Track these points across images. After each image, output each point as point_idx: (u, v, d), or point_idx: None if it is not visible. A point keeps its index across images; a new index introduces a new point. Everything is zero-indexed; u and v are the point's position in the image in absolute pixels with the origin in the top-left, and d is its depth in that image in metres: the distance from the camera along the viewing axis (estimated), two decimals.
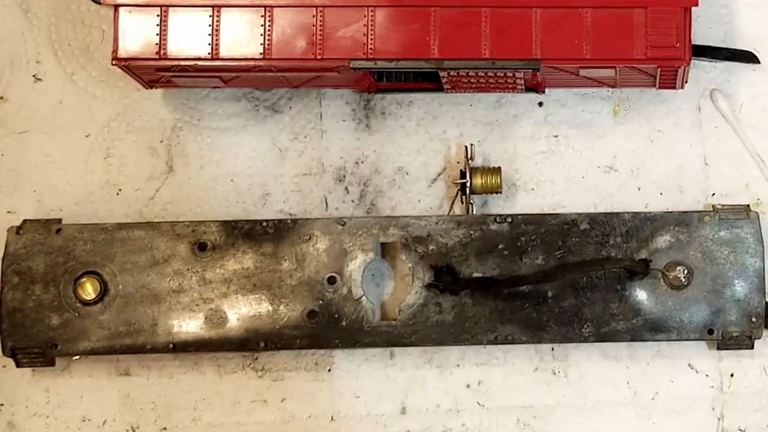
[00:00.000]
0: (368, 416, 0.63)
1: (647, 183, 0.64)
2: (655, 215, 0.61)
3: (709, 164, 0.64)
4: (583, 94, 0.65)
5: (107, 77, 0.65)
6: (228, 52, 0.58)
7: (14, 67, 0.65)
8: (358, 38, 0.58)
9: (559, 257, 0.61)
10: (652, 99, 0.65)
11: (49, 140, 0.64)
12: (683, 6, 0.58)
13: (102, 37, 0.65)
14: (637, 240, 0.61)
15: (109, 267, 0.60)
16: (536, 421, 0.63)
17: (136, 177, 0.64)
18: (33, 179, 0.64)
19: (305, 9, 0.58)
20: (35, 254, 0.60)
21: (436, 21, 0.58)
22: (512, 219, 0.61)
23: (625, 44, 0.58)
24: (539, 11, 0.58)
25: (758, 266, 0.60)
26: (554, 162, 0.65)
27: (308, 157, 0.64)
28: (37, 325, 0.60)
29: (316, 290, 0.60)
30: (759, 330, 0.60)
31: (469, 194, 0.61)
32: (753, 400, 0.63)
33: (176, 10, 0.58)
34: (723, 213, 0.61)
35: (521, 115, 0.65)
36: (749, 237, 0.61)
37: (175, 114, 0.65)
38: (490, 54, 0.58)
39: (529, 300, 0.60)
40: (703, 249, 0.61)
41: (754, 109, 0.65)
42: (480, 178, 0.62)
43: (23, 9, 0.65)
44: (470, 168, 0.62)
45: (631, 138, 0.65)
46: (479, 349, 0.63)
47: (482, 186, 0.62)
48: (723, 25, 0.65)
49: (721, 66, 0.65)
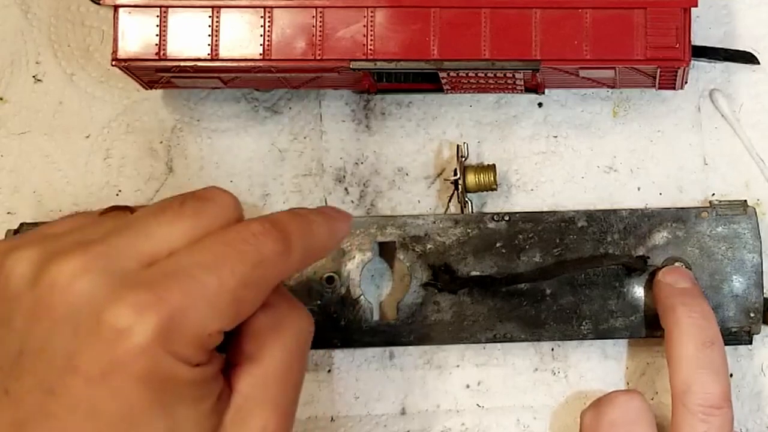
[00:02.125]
0: (368, 416, 0.63)
1: (647, 183, 0.64)
2: (652, 212, 0.61)
3: (708, 164, 0.64)
4: (582, 95, 0.65)
5: (107, 78, 0.65)
6: (228, 52, 0.58)
7: (14, 68, 0.65)
8: (358, 39, 0.58)
9: (557, 255, 0.61)
10: (651, 99, 0.65)
11: (48, 141, 0.64)
12: (683, 6, 0.58)
13: (102, 38, 0.65)
14: (635, 237, 0.61)
15: None
16: (536, 422, 0.63)
17: (136, 177, 0.64)
18: (33, 180, 0.64)
19: (305, 10, 0.58)
20: None
21: (436, 22, 0.58)
22: (510, 217, 0.61)
23: (624, 45, 0.58)
24: (539, 12, 0.58)
25: (756, 262, 0.60)
26: (554, 162, 0.64)
27: (308, 158, 0.64)
28: None
29: (315, 290, 0.60)
30: (757, 325, 0.60)
31: (462, 192, 0.61)
32: (752, 401, 0.63)
33: (176, 10, 0.58)
34: (720, 209, 0.61)
35: (521, 116, 0.65)
36: (747, 233, 0.61)
37: (174, 115, 0.65)
38: (490, 55, 0.58)
39: (527, 298, 0.60)
40: (701, 245, 0.61)
41: (754, 109, 0.65)
42: (474, 176, 0.62)
43: (23, 10, 0.65)
44: (463, 166, 0.62)
45: (630, 138, 0.65)
46: (479, 349, 0.63)
47: (476, 184, 0.62)
48: (723, 25, 0.65)
49: (720, 66, 0.65)
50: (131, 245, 0.45)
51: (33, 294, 0.44)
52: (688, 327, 0.57)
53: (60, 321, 0.43)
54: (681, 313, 0.57)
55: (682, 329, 0.57)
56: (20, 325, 0.44)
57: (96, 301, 0.43)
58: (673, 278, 0.59)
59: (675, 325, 0.57)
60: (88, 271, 0.44)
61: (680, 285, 0.59)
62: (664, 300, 0.59)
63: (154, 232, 0.46)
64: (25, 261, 0.45)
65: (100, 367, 0.43)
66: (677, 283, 0.59)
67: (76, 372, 0.43)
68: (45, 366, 0.43)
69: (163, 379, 0.43)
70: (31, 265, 0.45)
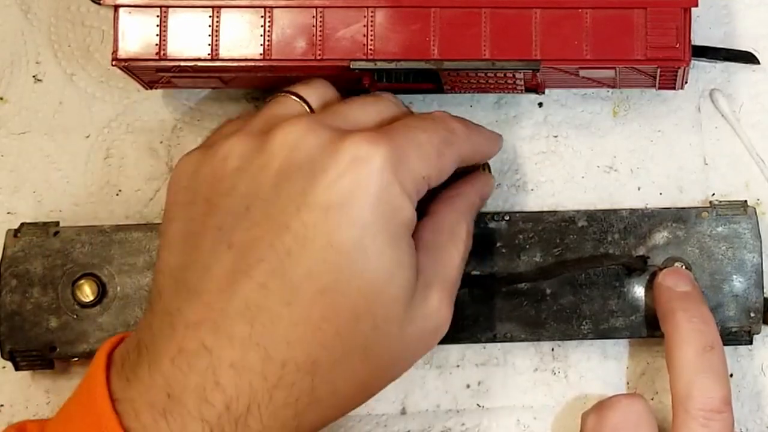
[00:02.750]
0: (368, 416, 0.63)
1: (647, 183, 0.64)
2: (652, 212, 0.61)
3: (708, 164, 0.64)
4: (583, 95, 0.65)
5: (107, 78, 0.65)
6: (228, 52, 0.58)
7: (14, 68, 0.65)
8: (358, 39, 0.58)
9: (557, 254, 0.61)
10: (651, 99, 0.65)
11: (49, 141, 0.64)
12: (683, 6, 0.58)
13: (102, 38, 0.65)
14: (635, 236, 0.61)
15: (108, 269, 0.60)
16: (536, 422, 0.63)
17: (136, 177, 0.64)
18: (33, 180, 0.64)
19: (305, 10, 0.58)
20: (33, 257, 0.60)
21: (436, 22, 0.58)
22: (510, 217, 0.61)
23: (624, 45, 0.58)
24: (539, 12, 0.58)
25: (756, 262, 0.60)
26: (554, 162, 0.64)
27: None
28: (36, 327, 0.60)
29: None
30: (757, 325, 0.60)
31: None
32: (752, 401, 0.63)
33: (176, 10, 0.58)
34: (720, 209, 0.61)
35: (521, 116, 0.65)
36: (747, 232, 0.61)
37: (175, 114, 0.65)
38: (490, 55, 0.58)
39: (528, 298, 0.60)
40: (701, 245, 0.61)
41: (754, 109, 0.65)
42: None
43: (23, 10, 0.65)
44: None
45: (630, 138, 0.65)
46: (479, 349, 0.63)
47: None
48: (723, 25, 0.65)
49: (720, 66, 0.65)
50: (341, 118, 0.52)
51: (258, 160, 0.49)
52: (688, 332, 0.57)
53: (291, 171, 0.48)
54: (681, 318, 0.57)
55: (681, 334, 0.57)
56: (244, 189, 0.49)
57: (330, 147, 0.49)
58: (673, 281, 0.59)
59: (675, 330, 0.58)
60: (313, 130, 0.50)
61: (680, 288, 0.59)
62: (664, 304, 0.59)
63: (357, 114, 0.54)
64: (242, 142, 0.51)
65: (338, 194, 0.47)
66: (677, 286, 0.59)
67: (313, 206, 0.47)
68: (278, 211, 0.48)
69: (393, 208, 0.49)
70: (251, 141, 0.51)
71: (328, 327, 0.47)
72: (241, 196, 0.49)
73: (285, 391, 0.46)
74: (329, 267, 0.47)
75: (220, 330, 0.46)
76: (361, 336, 0.48)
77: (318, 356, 0.47)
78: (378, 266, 0.48)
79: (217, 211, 0.49)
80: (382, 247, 0.48)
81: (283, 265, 0.47)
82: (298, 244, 0.47)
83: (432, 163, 0.51)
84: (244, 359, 0.46)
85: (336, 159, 0.48)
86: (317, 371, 0.47)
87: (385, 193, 0.48)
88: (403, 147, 0.50)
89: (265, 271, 0.47)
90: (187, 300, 0.48)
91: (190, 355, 0.46)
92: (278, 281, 0.47)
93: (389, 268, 0.48)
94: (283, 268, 0.47)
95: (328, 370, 0.47)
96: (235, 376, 0.46)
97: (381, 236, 0.48)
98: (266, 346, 0.46)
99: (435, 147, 0.52)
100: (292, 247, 0.47)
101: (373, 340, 0.48)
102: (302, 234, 0.47)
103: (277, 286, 0.47)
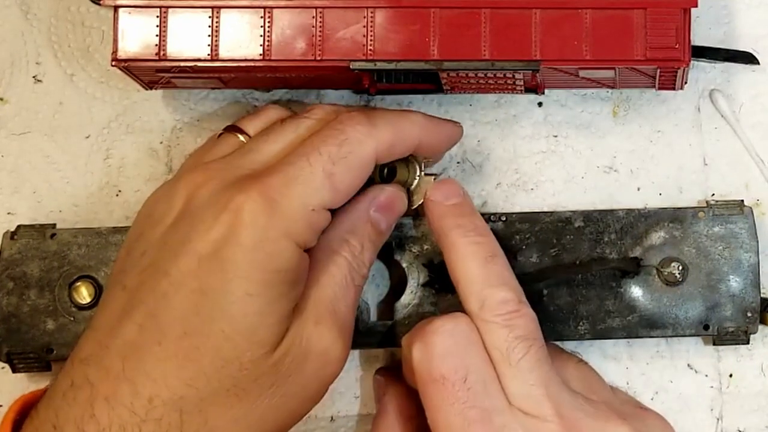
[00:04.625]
0: (368, 416, 0.63)
1: (647, 183, 0.64)
2: (649, 212, 0.61)
3: (708, 164, 0.64)
4: (582, 95, 0.65)
5: (107, 78, 0.65)
6: (227, 53, 0.58)
7: (14, 69, 0.65)
8: (358, 39, 0.58)
9: (554, 255, 0.61)
10: (651, 99, 0.65)
11: (48, 141, 0.64)
12: (683, 7, 0.58)
13: (102, 38, 0.65)
14: (632, 237, 0.61)
15: (104, 271, 0.60)
16: None
17: (136, 178, 0.64)
18: (33, 180, 0.64)
19: (305, 10, 0.58)
20: (30, 259, 0.60)
21: (436, 22, 0.58)
22: (507, 217, 0.61)
23: (624, 45, 0.58)
24: (539, 12, 0.58)
25: (753, 261, 0.60)
26: (554, 162, 0.64)
27: None
28: (33, 330, 0.60)
29: None
30: (754, 325, 0.60)
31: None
32: (752, 401, 0.63)
33: (176, 11, 0.58)
34: (717, 209, 0.61)
35: (521, 116, 0.65)
36: (743, 232, 0.61)
37: (175, 115, 0.65)
38: (490, 55, 0.58)
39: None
40: (698, 245, 0.61)
41: (753, 110, 0.65)
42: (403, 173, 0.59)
43: (23, 10, 0.65)
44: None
45: (630, 138, 0.65)
46: None
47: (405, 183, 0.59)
48: (723, 25, 0.65)
49: (720, 66, 0.65)
50: (243, 159, 0.54)
51: (163, 207, 0.53)
52: (467, 246, 0.56)
53: (180, 220, 0.51)
54: (456, 235, 0.56)
55: (461, 251, 0.56)
56: (147, 235, 0.52)
57: (213, 197, 0.51)
58: (443, 195, 0.58)
59: (452, 248, 0.56)
60: (210, 179, 0.52)
61: (450, 201, 0.57)
62: (436, 221, 0.57)
63: (261, 148, 0.54)
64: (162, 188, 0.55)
65: (212, 244, 0.50)
66: (447, 199, 0.57)
67: (190, 253, 0.50)
68: (162, 258, 0.51)
69: (267, 254, 0.50)
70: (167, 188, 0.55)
71: (192, 366, 0.49)
72: (144, 242, 0.53)
73: (154, 425, 0.48)
74: (196, 310, 0.49)
75: (101, 365, 0.49)
76: (229, 377, 0.50)
77: (184, 393, 0.49)
78: (243, 311, 0.49)
79: (129, 253, 0.53)
80: (249, 294, 0.49)
81: (158, 307, 0.50)
82: (173, 288, 0.50)
83: (319, 189, 0.52)
84: (116, 393, 0.49)
85: (214, 209, 0.50)
86: (185, 407, 0.49)
87: (258, 240, 0.50)
88: (279, 188, 0.51)
89: (144, 312, 0.50)
90: (85, 336, 0.52)
91: (77, 389, 0.49)
92: (152, 322, 0.49)
93: (255, 313, 0.50)
94: (158, 309, 0.50)
95: (196, 406, 0.49)
96: (108, 409, 0.48)
97: (249, 283, 0.49)
98: (135, 381, 0.49)
99: (321, 171, 0.52)
100: (168, 291, 0.50)
101: (245, 380, 0.50)
102: (178, 280, 0.50)
103: (150, 327, 0.49)
